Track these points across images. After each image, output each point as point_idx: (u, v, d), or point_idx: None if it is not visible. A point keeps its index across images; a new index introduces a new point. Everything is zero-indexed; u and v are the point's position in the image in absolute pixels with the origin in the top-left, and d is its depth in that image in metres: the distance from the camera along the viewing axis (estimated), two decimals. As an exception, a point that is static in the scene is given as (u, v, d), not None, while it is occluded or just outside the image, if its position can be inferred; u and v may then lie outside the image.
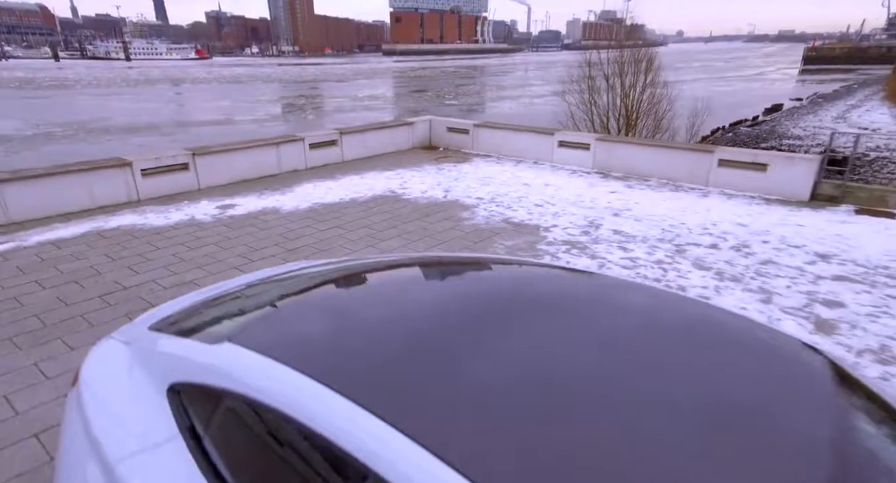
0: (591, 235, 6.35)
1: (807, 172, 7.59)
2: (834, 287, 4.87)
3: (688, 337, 1.63)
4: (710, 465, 1.07)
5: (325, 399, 1.28)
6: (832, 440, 1.19)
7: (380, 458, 1.12)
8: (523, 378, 1.32)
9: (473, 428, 1.17)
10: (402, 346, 1.54)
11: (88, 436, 1.75)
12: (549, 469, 1.02)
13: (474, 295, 1.97)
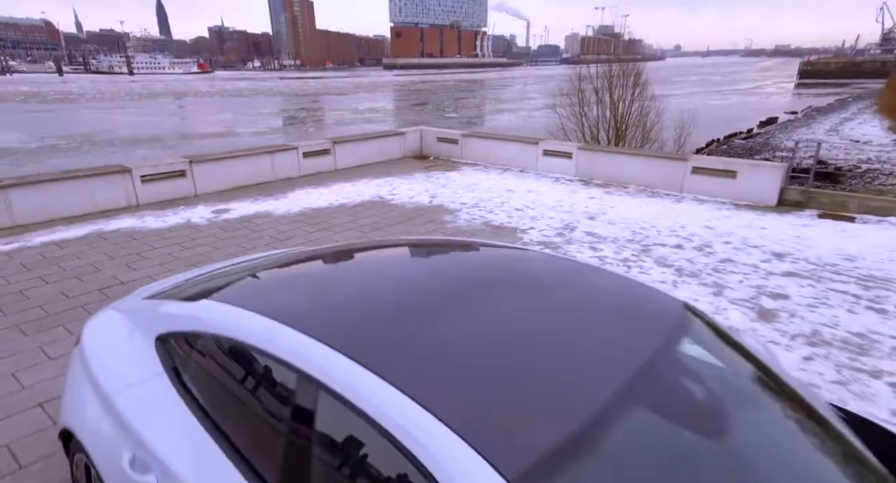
0: (566, 237, 6.71)
1: (773, 179, 7.97)
2: (782, 282, 5.23)
3: (586, 294, 1.98)
4: (578, 369, 1.44)
5: (282, 332, 1.64)
6: (651, 358, 1.54)
7: (312, 364, 1.47)
8: (463, 321, 1.69)
9: (388, 341, 1.54)
10: (351, 293, 1.92)
11: (89, 378, 2.11)
12: (478, 384, 1.38)
13: (429, 264, 2.35)
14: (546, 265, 2.25)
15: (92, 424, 2.00)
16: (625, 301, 1.89)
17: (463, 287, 1.91)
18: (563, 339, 1.60)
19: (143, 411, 1.87)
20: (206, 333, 1.88)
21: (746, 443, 1.44)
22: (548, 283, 2.05)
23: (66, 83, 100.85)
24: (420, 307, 1.78)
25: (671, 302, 1.92)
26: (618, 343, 1.59)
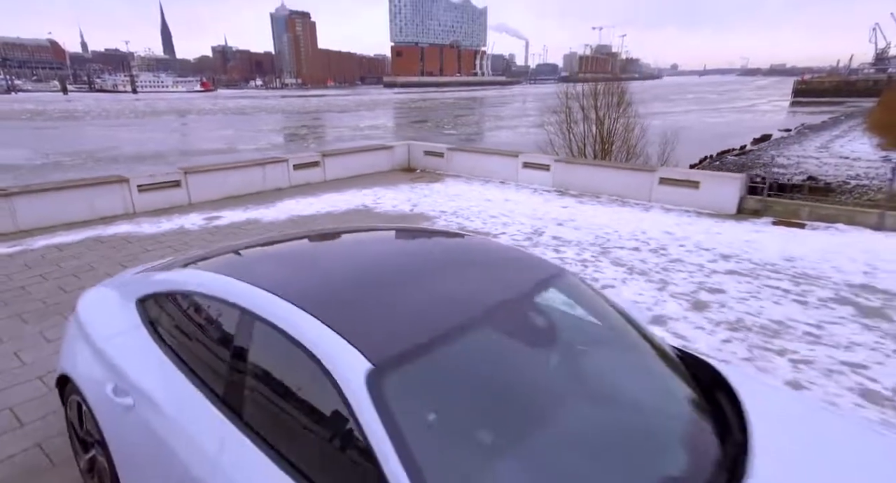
0: (533, 241, 7.19)
1: (732, 189, 8.47)
2: (722, 279, 5.69)
3: (479, 258, 2.45)
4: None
5: (233, 283, 2.11)
6: (508, 298, 2.01)
7: (266, 311, 1.92)
8: (368, 270, 2.17)
9: (310, 284, 2.02)
10: (292, 256, 2.41)
11: (82, 334, 2.58)
12: (364, 308, 1.85)
13: (364, 240, 2.84)
14: (461, 241, 2.72)
15: (83, 367, 2.46)
16: (510, 264, 2.36)
17: (381, 249, 2.40)
18: (444, 284, 2.07)
19: (124, 353, 2.33)
20: (177, 291, 2.35)
21: (573, 357, 1.92)
22: (452, 250, 2.53)
23: (70, 101, 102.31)
24: (344, 265, 2.27)
25: (549, 267, 2.39)
26: (488, 288, 2.06)
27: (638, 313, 2.51)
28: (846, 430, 1.94)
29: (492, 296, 2.01)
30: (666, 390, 2.00)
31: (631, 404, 1.91)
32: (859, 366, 3.89)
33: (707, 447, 1.73)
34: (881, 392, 3.57)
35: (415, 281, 2.12)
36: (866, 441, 1.88)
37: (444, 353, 1.69)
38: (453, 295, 2.00)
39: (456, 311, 1.86)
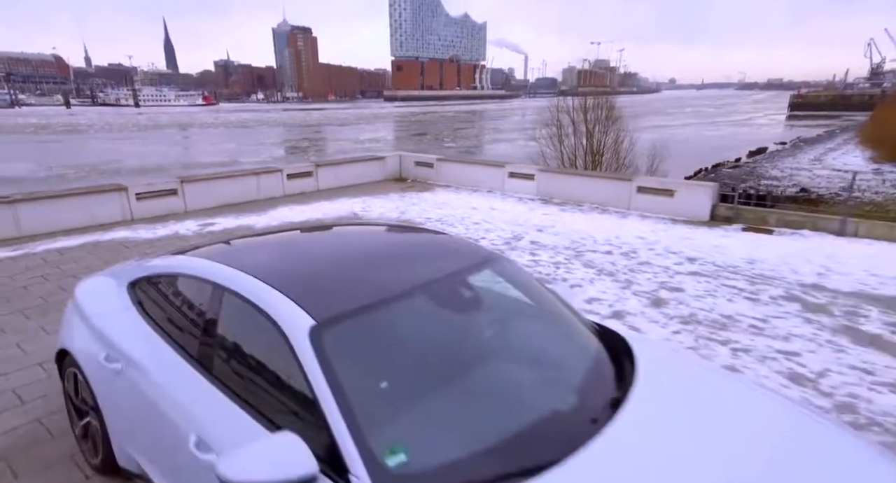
0: (511, 245, 7.54)
1: (705, 197, 8.85)
2: (684, 279, 6.03)
3: (425, 246, 2.81)
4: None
5: (208, 264, 2.47)
6: (440, 276, 2.38)
7: (234, 284, 2.27)
8: (324, 251, 2.55)
9: (272, 263, 2.38)
10: (262, 244, 2.77)
11: (79, 314, 2.94)
12: (313, 278, 2.21)
13: (328, 233, 3.19)
14: (413, 233, 3.09)
15: (80, 341, 2.81)
16: (452, 251, 2.72)
17: (340, 238, 2.77)
18: (389, 264, 2.43)
19: (115, 327, 2.68)
20: (162, 274, 2.71)
21: (498, 323, 2.28)
22: (404, 239, 2.91)
23: (73, 115, 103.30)
24: (305, 249, 2.67)
25: (486, 253, 2.75)
26: (426, 268, 2.42)
27: (565, 294, 2.86)
28: (713, 377, 2.43)
29: (428, 274, 2.36)
30: (576, 347, 2.36)
31: (543, 357, 2.27)
32: (793, 353, 4.23)
33: (606, 381, 2.12)
34: (806, 375, 3.90)
35: (363, 261, 2.49)
36: (729, 385, 2.33)
37: (377, 314, 2.05)
38: (394, 272, 2.36)
39: (393, 284, 2.22)
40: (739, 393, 2.24)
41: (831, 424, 2.19)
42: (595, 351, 2.34)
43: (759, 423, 1.99)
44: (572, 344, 2.41)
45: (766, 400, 2.22)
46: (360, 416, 1.68)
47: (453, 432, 1.80)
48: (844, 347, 4.33)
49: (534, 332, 2.48)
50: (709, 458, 1.75)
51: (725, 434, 1.89)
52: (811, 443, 1.93)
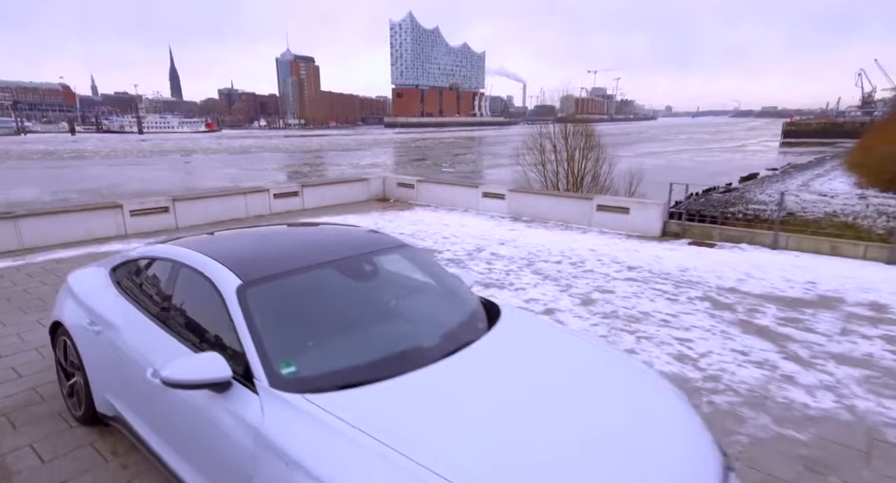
0: (472, 256, 8.23)
1: (656, 215, 9.57)
2: (617, 284, 6.70)
3: (349, 238, 3.51)
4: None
5: (175, 248, 3.17)
6: (351, 256, 3.08)
7: (187, 259, 2.97)
8: (266, 240, 3.25)
9: (226, 248, 3.07)
10: (226, 236, 3.46)
11: (70, 293, 3.62)
12: (249, 257, 2.91)
13: (282, 230, 3.90)
14: (344, 228, 3.79)
15: (69, 313, 3.48)
16: (369, 240, 3.42)
17: (284, 230, 3.48)
18: (310, 246, 3.14)
19: (97, 301, 3.36)
20: (135, 258, 3.41)
21: (389, 294, 2.98)
22: (333, 232, 3.61)
23: (76, 142, 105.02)
24: (251, 237, 3.37)
25: (398, 243, 3.45)
26: (339, 250, 3.12)
27: (465, 277, 3.54)
28: (550, 330, 3.25)
29: (339, 254, 3.07)
30: (456, 308, 3.05)
31: (425, 313, 2.97)
32: (687, 340, 4.88)
33: (470, 330, 2.82)
34: (690, 355, 4.55)
35: (294, 245, 3.20)
36: (556, 333, 3.15)
37: (289, 279, 2.74)
38: (313, 253, 3.06)
39: (307, 260, 2.92)
40: (559, 337, 3.00)
41: (619, 353, 3.03)
42: (471, 312, 3.02)
43: (565, 354, 2.71)
44: (453, 307, 3.09)
45: (579, 341, 2.96)
46: (266, 344, 2.36)
47: (335, 355, 2.48)
48: (733, 336, 4.99)
49: (423, 297, 3.18)
50: (520, 372, 2.44)
51: (536, 358, 2.60)
52: (595, 363, 2.70)
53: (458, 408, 2.17)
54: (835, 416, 3.62)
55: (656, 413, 2.33)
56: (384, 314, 2.96)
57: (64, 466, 3.14)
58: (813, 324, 5.29)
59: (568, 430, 2.08)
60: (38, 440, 3.40)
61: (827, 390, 3.97)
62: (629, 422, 2.21)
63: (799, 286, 6.49)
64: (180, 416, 2.55)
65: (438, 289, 3.30)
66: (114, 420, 3.23)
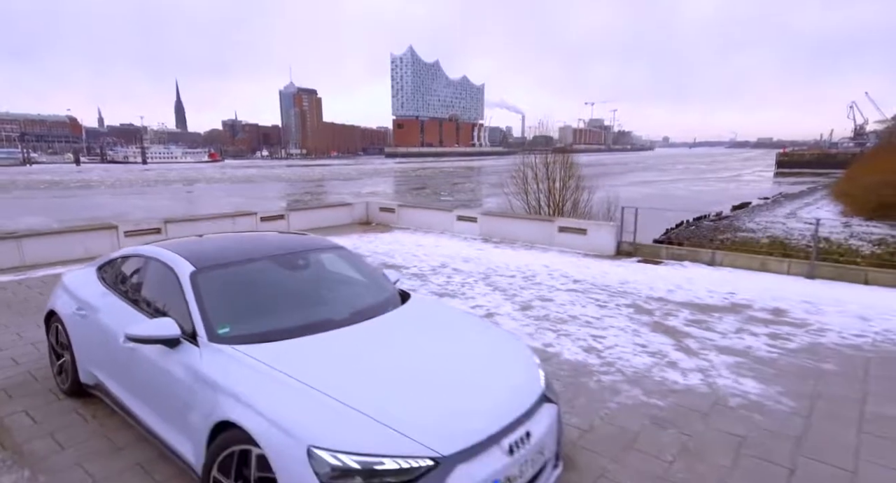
0: (436, 271, 8.97)
1: (610, 235, 10.36)
2: (558, 294, 7.44)
3: (294, 242, 4.29)
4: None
5: (153, 248, 3.95)
6: (290, 253, 3.87)
7: (156, 254, 3.76)
8: (226, 244, 4.04)
9: (204, 258, 3.87)
10: (197, 241, 4.25)
11: (63, 288, 4.39)
12: (205, 254, 3.69)
13: (244, 236, 4.68)
14: (297, 236, 4.58)
15: (61, 303, 4.24)
16: (311, 243, 4.21)
17: (246, 235, 4.27)
18: (260, 246, 3.92)
19: (84, 292, 4.13)
20: (117, 257, 4.19)
21: (318, 286, 3.76)
22: (287, 238, 4.41)
23: (81, 172, 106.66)
24: (216, 240, 4.14)
25: (335, 245, 4.24)
26: (282, 248, 3.91)
27: (392, 275, 4.30)
28: (445, 311, 4.05)
29: (278, 250, 3.86)
30: (371, 293, 3.82)
31: (344, 295, 3.74)
32: (600, 337, 5.61)
33: (380, 308, 3.56)
34: (597, 348, 5.28)
35: (246, 245, 3.98)
36: (450, 313, 3.94)
37: (234, 267, 3.52)
38: (258, 249, 3.85)
39: (251, 254, 3.71)
40: (448, 314, 3.83)
41: (490, 324, 3.92)
42: (386, 297, 3.78)
43: (446, 323, 3.51)
44: (371, 293, 3.85)
45: (461, 316, 3.81)
46: (209, 313, 3.12)
47: (262, 322, 3.23)
48: (641, 334, 5.71)
49: (347, 285, 3.95)
50: (405, 333, 3.23)
51: (422, 325, 3.40)
52: (466, 328, 3.52)
53: (347, 354, 2.93)
54: (695, 390, 4.33)
55: (500, 362, 3.09)
56: (309, 295, 3.73)
57: (52, 425, 3.85)
58: (714, 325, 6.01)
59: (425, 366, 2.86)
60: (31, 408, 4.12)
61: (699, 372, 4.68)
62: (474, 364, 2.98)
63: (718, 296, 7.22)
64: (143, 371, 3.28)
65: (362, 280, 4.07)
66: (94, 388, 3.95)
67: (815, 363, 4.89)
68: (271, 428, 2.36)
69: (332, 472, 2.21)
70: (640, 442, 3.57)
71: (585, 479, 3.17)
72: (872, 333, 5.69)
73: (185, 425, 2.89)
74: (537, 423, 2.73)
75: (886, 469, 3.26)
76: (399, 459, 2.26)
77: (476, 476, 2.33)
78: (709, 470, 3.26)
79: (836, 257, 9.32)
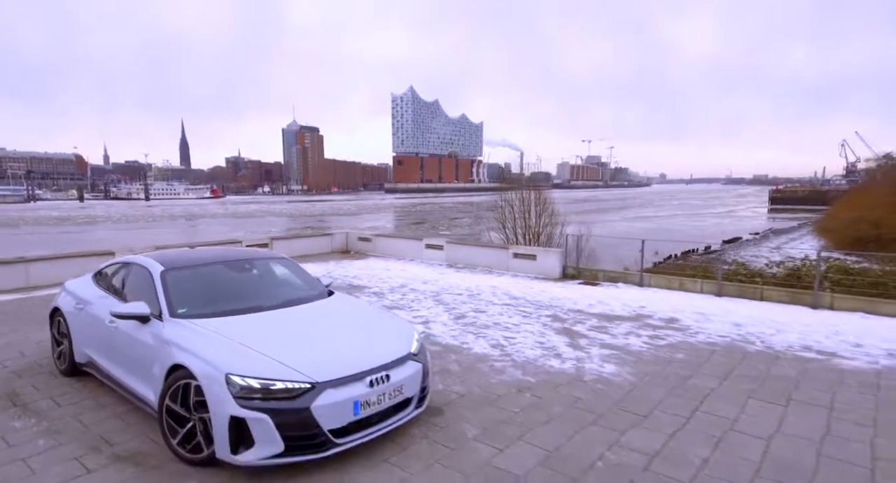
0: (394, 290, 10.11)
1: (556, 260, 11.55)
2: (493, 307, 8.56)
3: (253, 254, 5.50)
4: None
5: (138, 257, 5.16)
6: (243, 259, 5.08)
7: (137, 261, 4.97)
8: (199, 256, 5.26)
9: (172, 261, 5.07)
10: (176, 254, 5.47)
11: (66, 291, 5.59)
12: (178, 262, 4.90)
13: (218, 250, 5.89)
14: (259, 250, 5.78)
15: (63, 301, 5.42)
16: (264, 255, 5.42)
17: (217, 250, 5.50)
18: (221, 255, 5.13)
19: (82, 292, 5.31)
20: (109, 264, 5.38)
21: (260, 284, 4.96)
22: (249, 252, 5.61)
23: (84, 208, 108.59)
24: (192, 252, 5.36)
25: (280, 257, 5.44)
26: (238, 257, 5.12)
27: (325, 280, 5.46)
28: (358, 302, 5.06)
29: (234, 258, 5.07)
30: (302, 291, 4.98)
31: (279, 292, 4.90)
32: (511, 337, 6.73)
33: (308, 299, 4.71)
34: (504, 345, 6.41)
35: (206, 253, 5.18)
36: (356, 304, 5.06)
37: (194, 268, 4.72)
38: (218, 257, 5.05)
39: (209, 260, 4.91)
40: (358, 304, 4.99)
41: (391, 314, 5.06)
42: (315, 293, 4.94)
43: (354, 311, 4.66)
44: (302, 290, 5.02)
45: (369, 307, 4.95)
46: (172, 298, 4.30)
47: (211, 306, 4.39)
48: (546, 335, 6.84)
49: (284, 285, 5.11)
50: (319, 315, 4.39)
51: (334, 311, 4.56)
52: (370, 315, 4.66)
53: (269, 325, 4.10)
54: (565, 372, 5.45)
55: (381, 333, 4.28)
56: (251, 289, 4.90)
57: (52, 392, 4.96)
58: (611, 329, 7.14)
59: (324, 333, 4.05)
60: (36, 383, 5.23)
61: (575, 360, 5.80)
62: (361, 333, 4.18)
63: (629, 309, 8.35)
64: (122, 343, 4.43)
65: (298, 281, 5.25)
66: (86, 365, 5.08)
67: (671, 354, 6.01)
68: (204, 365, 3.51)
69: (240, 390, 3.35)
70: (500, 402, 4.68)
71: (447, 420, 4.28)
72: (735, 335, 6.81)
73: (149, 377, 4.02)
74: (398, 372, 3.88)
75: (673, 416, 4.37)
76: (287, 382, 3.41)
77: (339, 397, 3.48)
78: (542, 415, 4.37)
79: (741, 278, 10.46)
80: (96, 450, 3.84)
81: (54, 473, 3.52)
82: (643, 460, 3.69)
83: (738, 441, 3.98)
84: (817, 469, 3.58)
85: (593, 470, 3.57)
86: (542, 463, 3.65)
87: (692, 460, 3.69)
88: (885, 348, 6.18)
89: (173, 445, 3.67)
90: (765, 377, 5.32)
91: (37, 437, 4.04)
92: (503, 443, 3.93)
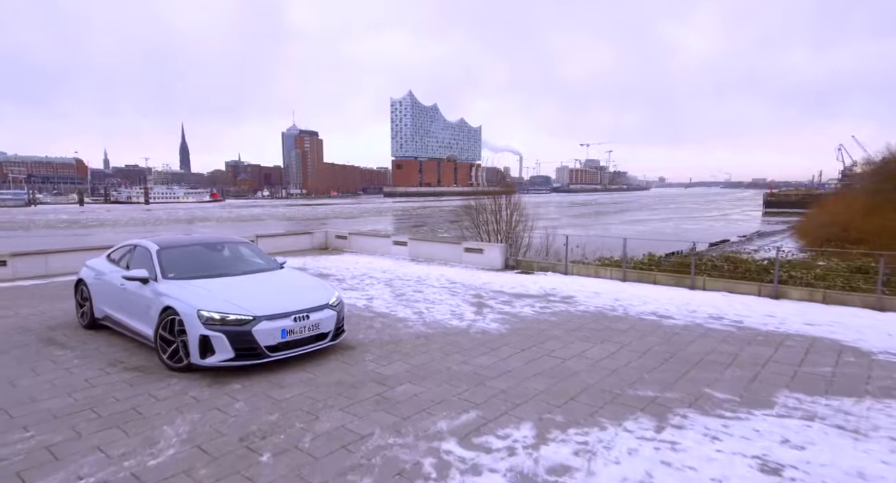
0: (354, 277, 11.95)
1: (499, 253, 13.42)
2: (431, 289, 10.41)
3: (232, 242, 7.38)
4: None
5: (141, 241, 7.06)
6: (219, 244, 6.97)
7: (141, 244, 6.87)
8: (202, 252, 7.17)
9: (167, 243, 6.97)
10: (170, 241, 7.37)
11: (86, 267, 7.50)
12: (170, 247, 6.79)
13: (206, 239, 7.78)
14: (224, 236, 7.65)
15: (85, 273, 7.33)
16: (236, 241, 7.29)
17: (209, 237, 7.42)
18: (201, 240, 7.03)
19: (99, 267, 7.21)
20: (118, 246, 7.27)
21: (228, 259, 6.87)
22: (227, 238, 7.51)
23: (84, 212, 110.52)
24: (183, 238, 7.26)
25: (243, 241, 7.32)
26: (216, 241, 7.02)
27: (280, 259, 7.33)
28: (302, 274, 6.92)
29: (210, 241, 6.97)
30: (260, 265, 6.86)
31: (242, 266, 6.78)
32: (431, 307, 8.58)
33: (263, 269, 6.60)
34: (423, 312, 8.25)
35: (193, 238, 7.08)
36: (303, 276, 6.87)
37: (181, 247, 6.63)
38: (198, 241, 6.95)
39: (192, 242, 6.80)
40: (301, 276, 6.84)
41: (323, 282, 6.84)
42: (269, 266, 6.83)
43: (297, 279, 6.57)
44: (259, 264, 6.91)
45: (309, 277, 6.81)
46: (164, 267, 6.20)
47: (192, 272, 6.27)
48: (461, 306, 8.69)
49: (247, 261, 7.00)
50: (269, 281, 6.29)
51: (281, 279, 6.48)
52: (308, 283, 6.55)
53: (231, 284, 6.00)
54: (457, 327, 7.32)
55: (310, 291, 6.17)
56: (220, 262, 6.78)
57: (79, 338, 6.83)
58: (515, 303, 9.00)
59: (270, 290, 5.97)
60: (65, 333, 7.11)
61: (471, 321, 7.66)
62: (296, 291, 6.08)
63: (542, 290, 10.22)
64: (129, 299, 6.31)
65: (257, 259, 7.12)
66: (103, 320, 6.96)
67: (547, 318, 7.88)
68: (185, 305, 5.40)
69: (207, 320, 5.23)
70: (399, 344, 6.55)
71: (356, 352, 6.18)
72: (608, 306, 8.68)
73: (148, 319, 5.90)
74: (316, 314, 5.77)
75: (513, 348, 6.25)
76: (237, 315, 5.29)
77: (272, 326, 5.37)
78: (423, 349, 6.26)
79: (641, 266, 12.31)
80: (112, 365, 5.73)
81: (87, 375, 5.40)
82: (476, 369, 5.56)
83: (543, 359, 5.90)
84: (586, 371, 5.45)
85: (439, 373, 5.44)
86: (407, 371, 5.53)
87: (508, 369, 5.56)
88: (711, 313, 8.06)
89: (164, 359, 5.55)
90: (602, 329, 7.20)
91: (72, 359, 5.93)
92: (387, 362, 5.82)
